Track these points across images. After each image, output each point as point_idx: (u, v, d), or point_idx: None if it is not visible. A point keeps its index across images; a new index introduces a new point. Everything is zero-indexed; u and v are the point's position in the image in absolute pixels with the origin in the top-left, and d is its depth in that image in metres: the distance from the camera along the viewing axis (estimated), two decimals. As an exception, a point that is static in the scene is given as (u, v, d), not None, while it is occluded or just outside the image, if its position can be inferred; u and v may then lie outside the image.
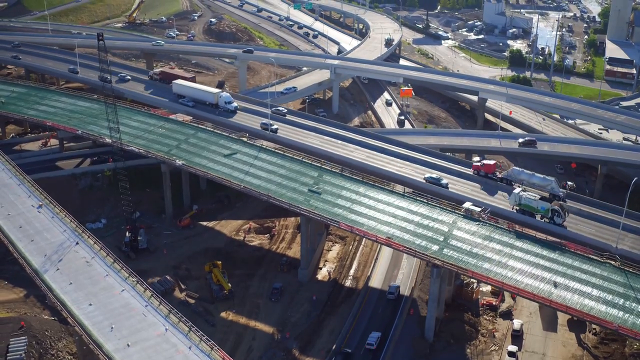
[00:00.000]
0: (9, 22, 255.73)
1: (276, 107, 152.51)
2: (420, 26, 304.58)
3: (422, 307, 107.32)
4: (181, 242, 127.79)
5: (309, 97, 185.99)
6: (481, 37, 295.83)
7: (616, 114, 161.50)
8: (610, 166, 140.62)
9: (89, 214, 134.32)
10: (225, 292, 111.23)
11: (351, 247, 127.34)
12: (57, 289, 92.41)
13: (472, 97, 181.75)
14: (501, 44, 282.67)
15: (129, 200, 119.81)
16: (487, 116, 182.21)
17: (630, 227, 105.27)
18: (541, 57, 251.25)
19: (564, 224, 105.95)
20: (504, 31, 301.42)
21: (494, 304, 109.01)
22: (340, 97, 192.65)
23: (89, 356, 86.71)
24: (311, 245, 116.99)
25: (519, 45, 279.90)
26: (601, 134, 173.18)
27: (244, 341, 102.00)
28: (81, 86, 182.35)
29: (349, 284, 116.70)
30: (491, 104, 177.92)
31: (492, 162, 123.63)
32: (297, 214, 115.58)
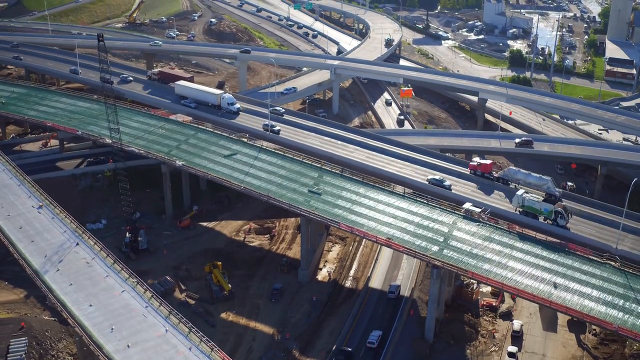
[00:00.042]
0: (9, 22, 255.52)
1: (273, 107, 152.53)
2: (420, 26, 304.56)
3: (422, 307, 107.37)
4: (181, 242, 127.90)
5: (309, 97, 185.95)
6: (481, 37, 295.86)
7: (616, 114, 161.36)
8: (610, 167, 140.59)
9: (89, 214, 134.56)
10: (225, 292, 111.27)
11: (351, 247, 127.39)
12: (57, 289, 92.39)
13: (472, 97, 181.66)
14: (501, 44, 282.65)
15: (129, 200, 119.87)
16: (487, 117, 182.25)
17: (630, 228, 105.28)
18: (541, 58, 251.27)
19: (567, 226, 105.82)
20: (504, 31, 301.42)
21: (494, 304, 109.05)
22: (340, 98, 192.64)
23: (89, 357, 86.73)
24: (311, 245, 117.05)
25: (519, 45, 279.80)
26: (601, 134, 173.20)
27: (244, 342, 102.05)
28: (81, 86, 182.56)
29: (349, 284, 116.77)
30: (491, 104, 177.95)
31: (488, 161, 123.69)
32: (297, 214, 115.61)
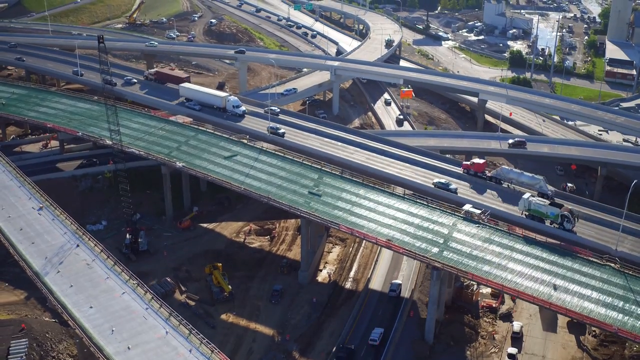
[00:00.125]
0: (9, 22, 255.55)
1: (269, 107, 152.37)
2: (420, 27, 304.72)
3: (422, 309, 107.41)
4: (181, 244, 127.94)
5: (309, 98, 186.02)
6: (481, 38, 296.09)
7: (616, 115, 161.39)
8: (610, 168, 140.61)
9: (89, 215, 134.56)
10: (225, 294, 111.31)
11: (351, 249, 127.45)
12: (57, 291, 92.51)
13: (472, 98, 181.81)
14: (501, 45, 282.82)
15: (130, 202, 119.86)
16: (488, 117, 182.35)
17: (630, 230, 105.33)
18: (541, 58, 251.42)
19: (573, 230, 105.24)
20: (504, 32, 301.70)
21: (494, 306, 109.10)
22: (340, 99, 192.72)
23: (89, 359, 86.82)
24: (311, 247, 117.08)
25: (519, 46, 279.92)
26: (601, 135, 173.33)
27: (244, 343, 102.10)
28: (81, 87, 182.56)
29: (349, 285, 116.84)
30: (491, 105, 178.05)
31: (481, 161, 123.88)
32: (297, 216, 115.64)
